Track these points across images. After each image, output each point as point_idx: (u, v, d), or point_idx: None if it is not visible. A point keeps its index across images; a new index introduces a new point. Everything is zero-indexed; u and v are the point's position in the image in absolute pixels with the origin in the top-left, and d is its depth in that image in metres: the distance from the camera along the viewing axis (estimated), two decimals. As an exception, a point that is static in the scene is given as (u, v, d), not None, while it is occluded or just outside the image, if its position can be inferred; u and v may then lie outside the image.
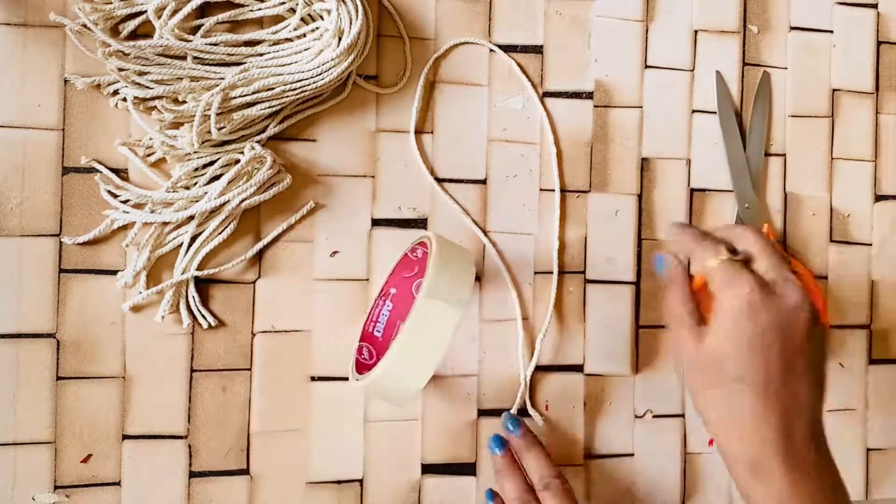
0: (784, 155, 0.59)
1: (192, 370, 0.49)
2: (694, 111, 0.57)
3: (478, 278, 0.54)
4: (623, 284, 0.56)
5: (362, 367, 0.47)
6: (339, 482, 0.51)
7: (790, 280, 0.39)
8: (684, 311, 0.41)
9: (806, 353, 0.39)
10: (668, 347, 0.56)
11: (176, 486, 0.49)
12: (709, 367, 0.39)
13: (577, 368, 0.55)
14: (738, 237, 0.42)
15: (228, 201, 0.48)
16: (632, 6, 0.56)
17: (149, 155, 0.48)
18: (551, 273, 0.54)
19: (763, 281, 0.39)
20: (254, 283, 0.50)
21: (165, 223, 0.48)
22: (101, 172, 0.48)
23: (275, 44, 0.49)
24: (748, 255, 0.41)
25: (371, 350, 0.48)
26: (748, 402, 0.38)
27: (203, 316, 0.49)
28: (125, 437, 0.48)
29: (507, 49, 0.54)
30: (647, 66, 0.57)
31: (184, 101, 0.47)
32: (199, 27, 0.48)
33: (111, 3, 0.47)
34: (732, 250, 0.41)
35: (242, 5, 0.49)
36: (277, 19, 0.49)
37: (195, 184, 0.48)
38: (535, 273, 0.54)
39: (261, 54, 0.48)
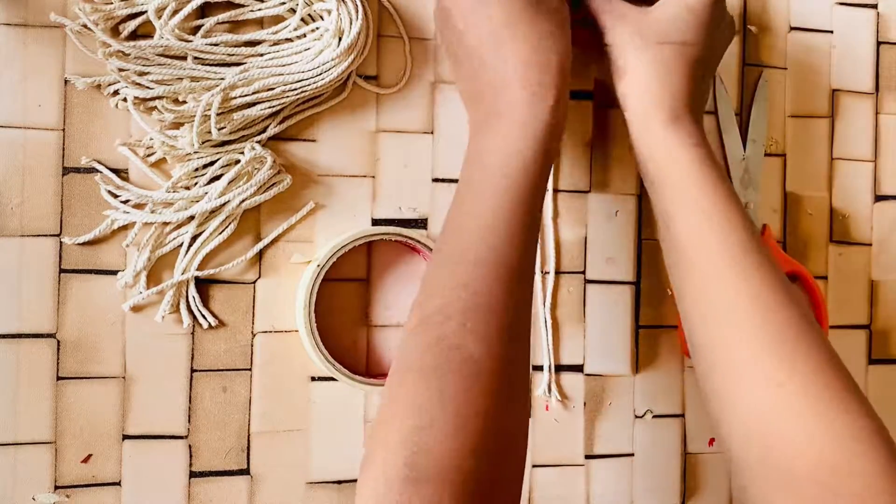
0: (784, 155, 0.59)
1: (193, 370, 0.49)
2: (694, 111, 0.57)
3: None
4: (623, 284, 0.56)
5: None
6: (339, 482, 0.51)
7: None
8: None
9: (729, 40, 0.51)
10: (671, 346, 0.56)
11: (176, 486, 0.49)
12: (658, 27, 0.44)
13: (577, 368, 0.55)
14: None
15: (229, 202, 0.48)
16: (632, 6, 0.56)
17: (149, 155, 0.48)
18: (555, 272, 0.54)
19: None
20: (254, 283, 0.50)
21: (166, 223, 0.48)
22: (101, 173, 0.48)
23: (275, 44, 0.49)
24: None
25: None
26: (689, 65, 0.45)
27: (203, 316, 0.49)
28: (125, 437, 0.48)
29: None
30: (647, 67, 0.56)
31: (184, 102, 0.47)
32: (199, 27, 0.48)
33: (111, 3, 0.47)
34: None
35: (242, 5, 0.49)
36: (278, 19, 0.49)
37: (195, 184, 0.48)
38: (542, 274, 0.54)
39: (261, 54, 0.48)
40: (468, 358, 0.35)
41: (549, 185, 0.54)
